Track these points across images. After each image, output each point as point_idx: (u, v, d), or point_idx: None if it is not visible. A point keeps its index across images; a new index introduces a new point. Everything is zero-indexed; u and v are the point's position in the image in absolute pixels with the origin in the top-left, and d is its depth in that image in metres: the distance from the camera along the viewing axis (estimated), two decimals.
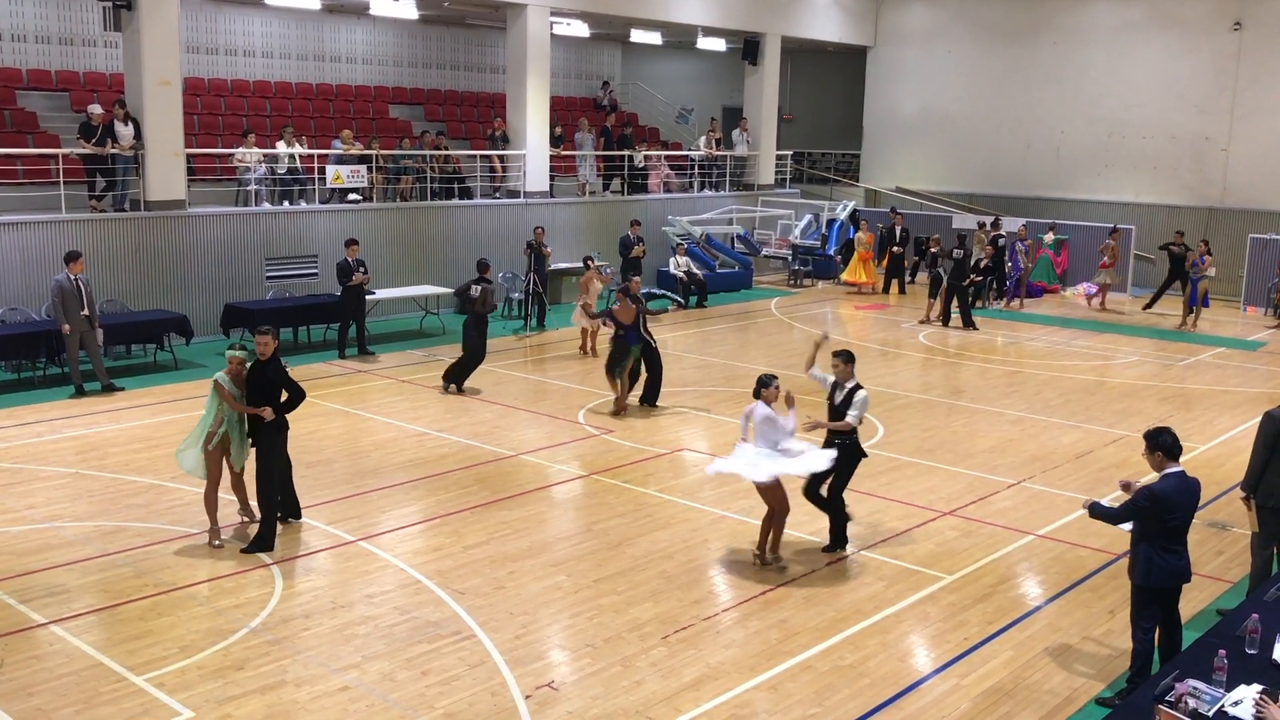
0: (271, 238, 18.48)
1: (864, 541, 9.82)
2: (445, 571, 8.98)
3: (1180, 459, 7.00)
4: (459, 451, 12.27)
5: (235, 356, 9.34)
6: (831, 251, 26.28)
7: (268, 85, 23.14)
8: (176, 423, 12.88)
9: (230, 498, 9.80)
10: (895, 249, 24.63)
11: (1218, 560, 9.65)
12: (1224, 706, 5.22)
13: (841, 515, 9.58)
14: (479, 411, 13.99)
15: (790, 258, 26.06)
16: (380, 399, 14.59)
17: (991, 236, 22.74)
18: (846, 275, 25.28)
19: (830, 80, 34.24)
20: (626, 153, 25.11)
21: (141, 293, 16.94)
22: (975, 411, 14.60)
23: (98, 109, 17.29)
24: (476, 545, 9.56)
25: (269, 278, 18.35)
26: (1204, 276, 21.44)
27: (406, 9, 23.26)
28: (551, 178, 23.44)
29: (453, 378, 14.89)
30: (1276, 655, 5.79)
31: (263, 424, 9.18)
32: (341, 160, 19.63)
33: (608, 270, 18.79)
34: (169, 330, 16.01)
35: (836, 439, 9.35)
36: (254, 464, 9.47)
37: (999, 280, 23.46)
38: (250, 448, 9.50)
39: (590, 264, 18.02)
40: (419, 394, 14.84)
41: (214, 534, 9.38)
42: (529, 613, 8.27)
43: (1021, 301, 23.69)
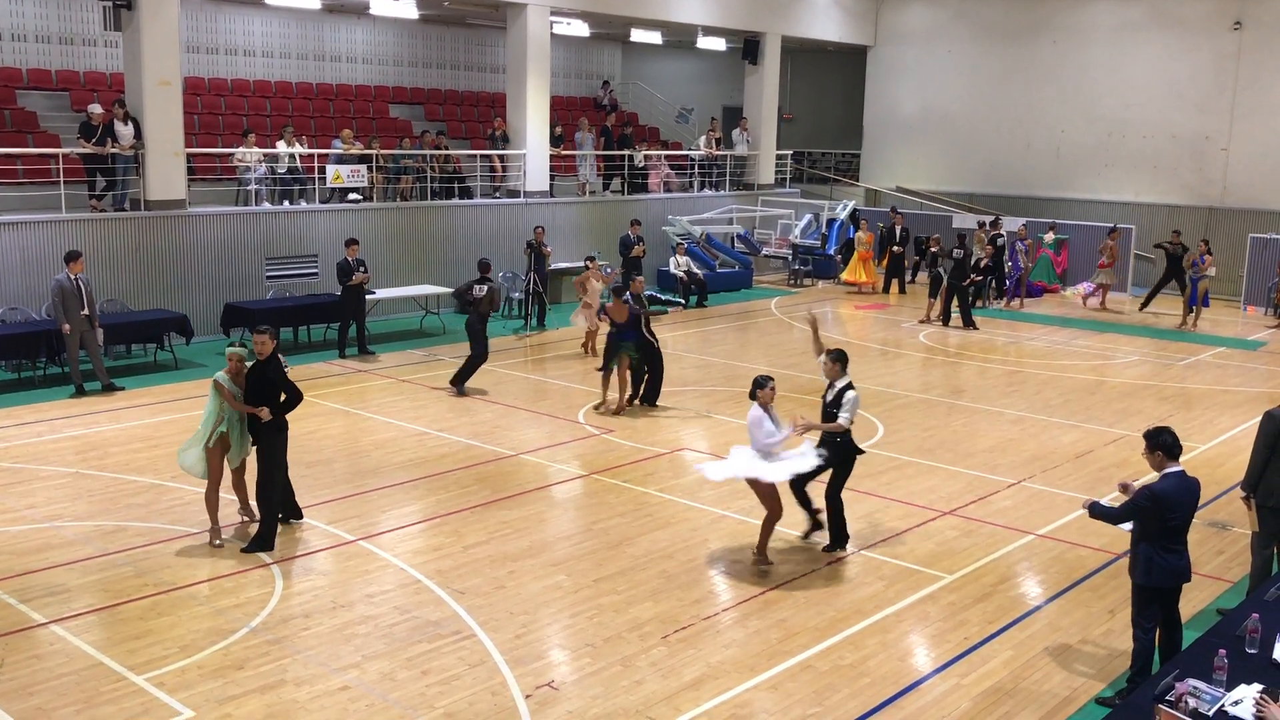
0: (271, 237, 18.48)
1: (864, 541, 9.82)
2: (445, 571, 8.98)
3: (1180, 458, 7.00)
4: (459, 451, 12.27)
5: (235, 354, 9.35)
6: (831, 251, 26.27)
7: (268, 85, 23.14)
8: (176, 422, 12.89)
9: (231, 497, 9.80)
10: (895, 249, 24.63)
11: (1218, 560, 9.65)
12: (1224, 706, 5.23)
13: (839, 515, 9.56)
14: (479, 411, 13.99)
15: (790, 257, 26.07)
16: (380, 398, 14.59)
17: (991, 236, 22.75)
18: (846, 275, 25.27)
19: (830, 80, 34.24)
20: (626, 152, 25.11)
21: (141, 292, 16.94)
22: (975, 411, 14.60)
23: (98, 109, 17.29)
24: (476, 545, 9.56)
25: (269, 277, 18.36)
26: (1204, 276, 21.42)
27: (406, 9, 23.27)
28: (551, 177, 23.45)
29: (461, 378, 14.86)
30: (1276, 655, 5.80)
31: (262, 424, 9.19)
32: (341, 160, 19.63)
33: (608, 270, 18.78)
34: (169, 330, 16.01)
35: (834, 438, 9.34)
36: (254, 463, 9.48)
37: (999, 280, 23.48)
38: (250, 447, 9.51)
39: (591, 264, 18.01)
40: (419, 394, 14.84)
41: (214, 533, 9.38)
42: (529, 612, 8.27)
43: (1021, 301, 23.69)
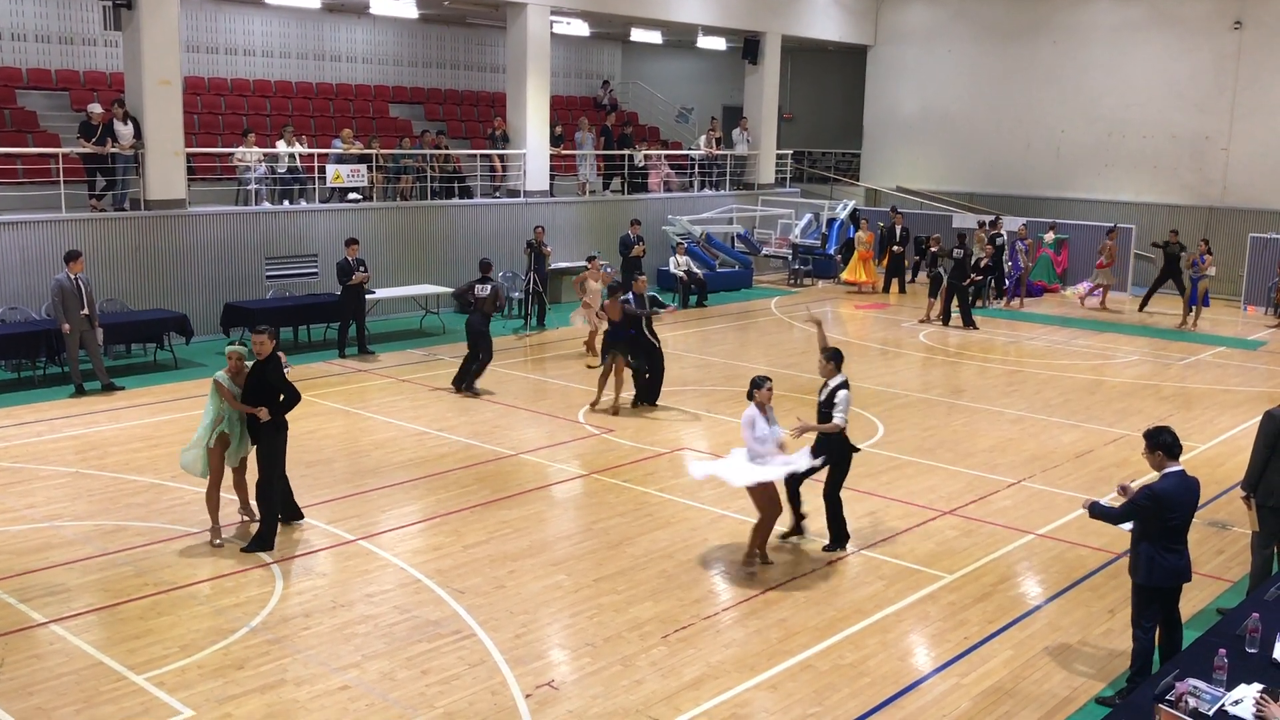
0: (271, 237, 18.48)
1: (864, 541, 9.82)
2: (445, 571, 8.98)
3: (1180, 458, 7.00)
4: (459, 451, 12.27)
5: (235, 352, 9.36)
6: (831, 251, 26.27)
7: (268, 84, 23.13)
8: (176, 422, 12.89)
9: (231, 497, 9.80)
10: (895, 248, 24.63)
11: (1218, 559, 9.65)
12: (1224, 706, 5.22)
13: (839, 515, 9.56)
14: (479, 411, 13.99)
15: (790, 257, 26.07)
16: (380, 398, 14.59)
17: (991, 236, 22.74)
18: (846, 274, 25.27)
19: (830, 79, 34.23)
20: (626, 152, 25.10)
21: (141, 292, 16.94)
22: (975, 411, 14.60)
23: (98, 108, 17.30)
24: (476, 544, 9.56)
25: (269, 277, 18.36)
26: (1204, 276, 21.41)
27: (406, 8, 23.27)
28: (551, 177, 23.45)
29: (472, 379, 14.84)
30: (1276, 654, 5.80)
31: (261, 424, 9.18)
32: (341, 159, 19.63)
33: (608, 269, 18.77)
34: (169, 329, 16.02)
35: (830, 438, 9.34)
36: (254, 462, 9.48)
37: (999, 280, 23.47)
38: (250, 446, 9.51)
39: (591, 263, 18.00)
40: (419, 393, 14.84)
41: (215, 533, 9.38)
42: (529, 612, 8.27)
43: (1021, 301, 23.70)
